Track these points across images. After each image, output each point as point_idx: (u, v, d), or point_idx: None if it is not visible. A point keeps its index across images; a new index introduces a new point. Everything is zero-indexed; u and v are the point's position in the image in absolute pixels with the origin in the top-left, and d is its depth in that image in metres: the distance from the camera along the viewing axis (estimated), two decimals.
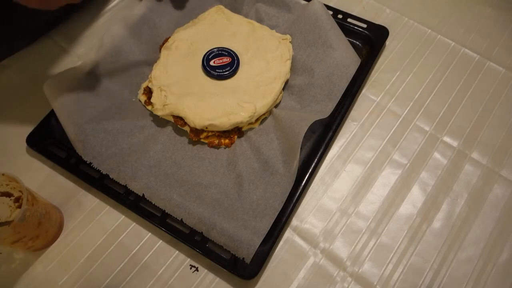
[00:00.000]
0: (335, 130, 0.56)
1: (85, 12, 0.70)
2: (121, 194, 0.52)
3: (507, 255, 0.49)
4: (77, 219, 0.53)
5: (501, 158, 0.56)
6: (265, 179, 0.51)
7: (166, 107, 0.54)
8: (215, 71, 0.57)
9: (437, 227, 0.51)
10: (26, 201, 0.43)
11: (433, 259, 0.49)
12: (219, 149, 0.55)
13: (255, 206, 0.50)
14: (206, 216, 0.48)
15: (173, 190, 0.50)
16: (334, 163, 0.56)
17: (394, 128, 0.58)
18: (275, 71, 0.57)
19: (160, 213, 0.50)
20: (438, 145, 0.57)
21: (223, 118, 0.53)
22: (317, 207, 0.53)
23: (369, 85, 0.62)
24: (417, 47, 0.65)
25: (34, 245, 0.48)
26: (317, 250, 0.50)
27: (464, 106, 0.60)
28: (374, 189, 0.54)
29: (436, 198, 0.53)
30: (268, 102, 0.55)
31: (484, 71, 0.63)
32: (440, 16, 0.69)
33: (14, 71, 0.64)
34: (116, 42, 0.60)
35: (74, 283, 0.49)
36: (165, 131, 0.56)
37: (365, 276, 0.49)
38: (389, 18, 0.69)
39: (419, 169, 0.55)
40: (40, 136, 0.56)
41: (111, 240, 0.51)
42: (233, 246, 0.47)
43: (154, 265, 0.50)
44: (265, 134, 0.55)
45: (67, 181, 0.55)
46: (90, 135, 0.53)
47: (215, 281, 0.49)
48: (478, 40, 0.66)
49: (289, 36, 0.61)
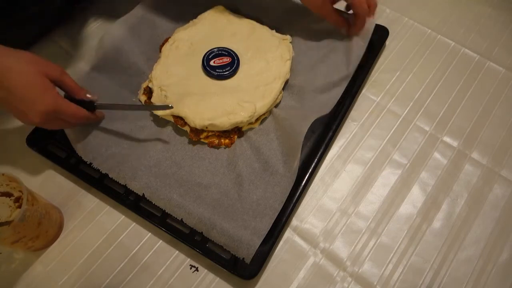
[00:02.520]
0: (335, 130, 0.56)
1: (85, 12, 0.70)
2: (121, 194, 0.52)
3: (507, 255, 0.49)
4: (77, 219, 0.53)
5: (501, 158, 0.56)
6: (265, 179, 0.51)
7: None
8: (215, 71, 0.57)
9: (437, 227, 0.51)
10: (26, 201, 0.43)
11: (433, 259, 0.49)
12: (219, 149, 0.55)
13: (255, 206, 0.50)
14: (206, 216, 0.48)
15: (173, 190, 0.50)
16: (334, 163, 0.56)
17: (394, 128, 0.58)
18: (275, 71, 0.57)
19: (160, 213, 0.50)
20: (438, 145, 0.57)
21: (223, 118, 0.53)
22: (317, 207, 0.53)
23: (369, 85, 0.62)
24: (417, 47, 0.66)
25: (34, 245, 0.48)
26: (317, 250, 0.50)
27: (464, 106, 0.60)
28: (374, 189, 0.54)
29: (436, 198, 0.53)
30: (268, 102, 0.55)
31: (484, 71, 0.63)
32: (440, 16, 0.69)
33: None
34: (116, 42, 0.60)
35: (74, 283, 0.49)
36: (165, 131, 0.56)
37: (365, 276, 0.49)
38: (389, 18, 0.69)
39: (419, 169, 0.55)
40: (40, 136, 0.56)
41: (111, 240, 0.51)
42: (233, 246, 0.47)
43: (154, 265, 0.50)
44: (265, 134, 0.55)
45: (67, 181, 0.55)
46: (90, 135, 0.53)
47: (215, 281, 0.49)
48: (478, 40, 0.66)
49: (289, 37, 0.61)
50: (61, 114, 0.48)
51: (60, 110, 0.47)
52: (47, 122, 0.47)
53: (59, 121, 0.49)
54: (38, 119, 0.46)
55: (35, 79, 0.45)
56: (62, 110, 0.47)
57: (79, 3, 0.71)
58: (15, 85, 0.44)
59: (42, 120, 0.46)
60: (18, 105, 0.45)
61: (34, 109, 0.45)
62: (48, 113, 0.46)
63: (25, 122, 0.47)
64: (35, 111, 0.45)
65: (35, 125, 0.50)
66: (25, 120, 0.47)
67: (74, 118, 0.49)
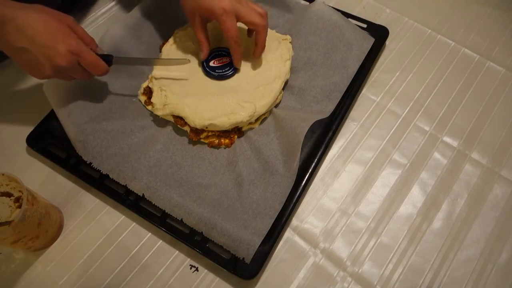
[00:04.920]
0: (335, 130, 0.56)
1: (85, 12, 0.70)
2: (121, 194, 0.52)
3: (507, 255, 0.49)
4: (77, 219, 0.53)
5: (501, 158, 0.56)
6: (265, 179, 0.51)
7: (166, 107, 0.54)
8: (215, 71, 0.57)
9: (437, 227, 0.51)
10: (26, 201, 0.43)
11: (433, 259, 0.49)
12: (219, 149, 0.55)
13: (255, 206, 0.50)
14: (206, 216, 0.48)
15: (173, 190, 0.50)
16: (334, 163, 0.56)
17: (394, 128, 0.58)
18: (275, 71, 0.57)
19: (160, 213, 0.50)
20: (438, 145, 0.57)
21: (223, 118, 0.53)
22: (317, 207, 0.53)
23: (369, 85, 0.62)
24: (417, 47, 0.66)
25: (34, 245, 0.48)
26: (317, 250, 0.50)
27: (464, 106, 0.60)
28: (374, 189, 0.54)
29: (436, 198, 0.53)
30: (268, 102, 0.55)
31: (484, 71, 0.63)
32: (440, 16, 0.69)
33: (14, 71, 0.64)
34: (116, 42, 0.60)
35: (74, 283, 0.49)
36: (165, 131, 0.56)
37: (365, 276, 0.49)
38: (389, 18, 0.69)
39: (419, 169, 0.55)
40: (40, 136, 0.56)
41: (111, 240, 0.51)
42: (233, 246, 0.47)
43: (154, 265, 0.50)
44: (265, 134, 0.55)
45: (67, 181, 0.55)
46: (90, 135, 0.53)
47: (215, 281, 0.49)
48: (478, 40, 0.66)
49: (289, 37, 0.61)
50: (82, 59, 0.48)
51: (82, 53, 0.48)
52: (68, 67, 0.48)
53: (77, 69, 0.49)
54: (63, 61, 0.47)
55: (55, 25, 0.47)
56: (84, 54, 0.48)
57: (79, 2, 0.71)
58: (38, 32, 0.45)
59: (66, 63, 0.47)
60: (42, 51, 0.46)
61: (59, 51, 0.46)
62: (73, 53, 0.47)
63: (44, 71, 0.48)
64: (60, 53, 0.46)
65: (55, 72, 0.48)
66: (46, 68, 0.47)
67: (93, 66, 0.50)
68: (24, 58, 0.47)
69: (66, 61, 0.47)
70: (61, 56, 0.46)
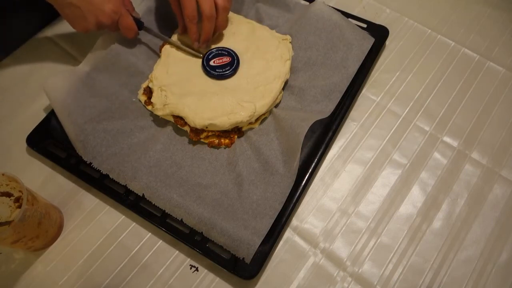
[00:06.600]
0: (335, 130, 0.56)
1: None
2: (121, 194, 0.52)
3: (507, 255, 0.49)
4: (77, 219, 0.53)
5: (501, 158, 0.56)
6: (265, 179, 0.51)
7: (166, 106, 0.54)
8: (215, 71, 0.57)
9: (437, 227, 0.51)
10: (26, 201, 0.43)
11: (433, 259, 0.49)
12: (219, 149, 0.55)
13: (255, 206, 0.50)
14: (206, 216, 0.48)
15: (173, 190, 0.50)
16: (334, 163, 0.56)
17: (394, 128, 0.58)
18: (274, 71, 0.57)
19: (160, 213, 0.50)
20: (438, 145, 0.57)
21: (223, 118, 0.53)
22: (317, 207, 0.53)
23: (369, 85, 0.62)
24: (417, 47, 0.66)
25: (34, 245, 0.48)
26: (317, 250, 0.50)
27: (464, 106, 0.60)
28: (374, 189, 0.54)
29: (436, 198, 0.53)
30: (267, 101, 0.55)
31: (484, 71, 0.63)
32: (440, 16, 0.69)
33: (14, 71, 0.64)
34: (116, 42, 0.60)
35: (74, 283, 0.49)
36: (165, 131, 0.56)
37: (365, 276, 0.49)
38: (389, 18, 0.69)
39: (419, 169, 0.55)
40: (40, 136, 0.56)
41: (111, 240, 0.51)
42: (233, 246, 0.47)
43: (154, 265, 0.50)
44: (265, 134, 0.55)
45: (67, 181, 0.55)
46: (90, 135, 0.53)
47: (215, 281, 0.49)
48: (478, 40, 0.66)
49: (289, 37, 0.61)
50: (121, 21, 0.55)
51: (122, 16, 0.55)
52: (108, 25, 0.54)
53: (114, 27, 0.56)
54: (107, 20, 0.53)
55: None
56: (123, 17, 0.55)
57: None
58: None
59: (108, 21, 0.53)
60: (89, 8, 0.52)
61: (105, 10, 0.52)
62: (116, 13, 0.53)
63: (87, 26, 0.53)
64: (105, 12, 0.52)
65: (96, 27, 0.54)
66: (90, 23, 0.53)
67: (127, 29, 0.56)
68: (71, 13, 0.52)
69: (109, 20, 0.53)
70: (106, 15, 0.53)
